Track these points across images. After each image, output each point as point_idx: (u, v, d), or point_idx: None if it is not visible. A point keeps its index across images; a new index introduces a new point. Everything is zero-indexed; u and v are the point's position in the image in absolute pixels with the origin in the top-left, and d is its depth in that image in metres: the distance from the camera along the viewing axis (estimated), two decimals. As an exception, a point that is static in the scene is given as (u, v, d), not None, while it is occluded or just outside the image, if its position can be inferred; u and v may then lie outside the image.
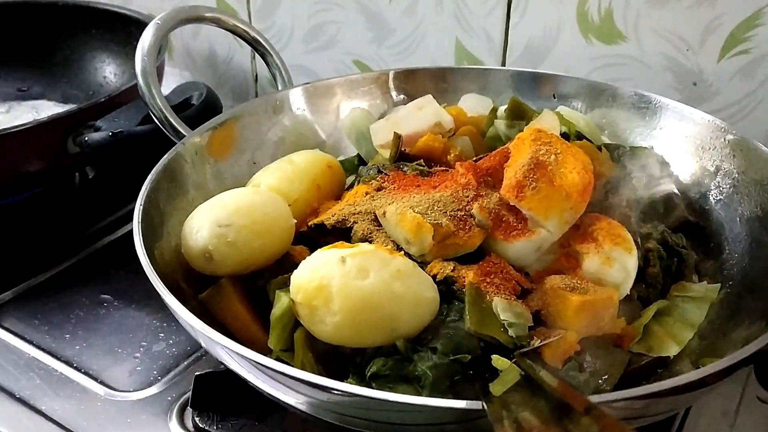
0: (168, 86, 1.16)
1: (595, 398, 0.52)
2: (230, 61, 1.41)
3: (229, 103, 1.43)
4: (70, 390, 0.82)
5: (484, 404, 0.51)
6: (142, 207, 0.72)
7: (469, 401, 0.52)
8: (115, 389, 0.82)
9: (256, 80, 1.39)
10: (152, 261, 0.65)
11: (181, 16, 0.90)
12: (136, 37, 0.93)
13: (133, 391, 0.82)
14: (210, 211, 0.71)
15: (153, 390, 0.82)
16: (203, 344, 0.64)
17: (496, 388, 0.57)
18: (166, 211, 0.76)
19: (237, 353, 0.56)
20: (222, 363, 0.64)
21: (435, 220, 0.70)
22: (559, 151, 0.73)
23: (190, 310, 0.69)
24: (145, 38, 0.89)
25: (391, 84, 0.99)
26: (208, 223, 0.70)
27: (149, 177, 0.76)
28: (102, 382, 0.83)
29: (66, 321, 0.92)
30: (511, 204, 0.71)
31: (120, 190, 1.15)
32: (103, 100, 1.00)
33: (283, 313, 0.67)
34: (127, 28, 1.30)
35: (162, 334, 0.89)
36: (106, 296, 0.96)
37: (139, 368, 0.85)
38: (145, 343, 0.88)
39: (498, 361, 0.61)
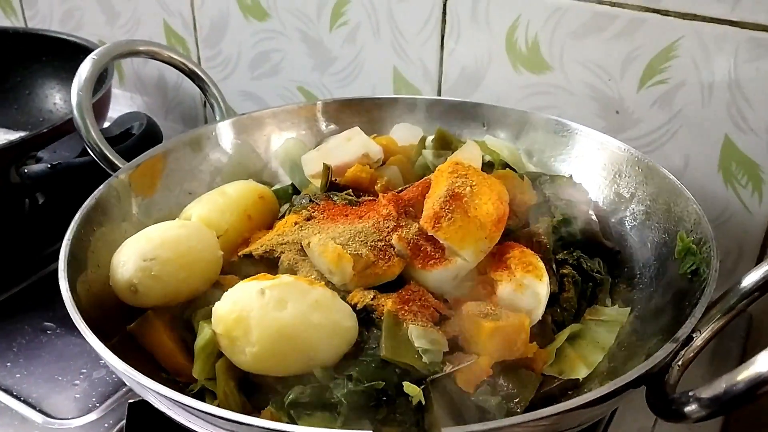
0: (120, 110, 1.18)
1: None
2: (179, 87, 1.43)
3: (179, 127, 1.46)
4: (8, 418, 0.83)
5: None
6: (69, 242, 0.74)
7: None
8: (53, 417, 0.84)
9: (205, 106, 1.42)
10: (75, 296, 0.67)
11: (117, 50, 0.93)
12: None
13: (71, 419, 0.83)
14: (136, 245, 0.73)
15: (91, 417, 0.84)
16: (122, 378, 0.66)
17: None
18: (96, 244, 0.78)
19: (147, 387, 0.58)
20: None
21: (356, 251, 0.73)
22: (474, 183, 0.76)
23: (119, 341, 0.72)
24: (81, 73, 0.91)
25: (321, 115, 1.02)
26: (133, 257, 0.72)
27: (79, 212, 0.78)
28: (41, 410, 0.84)
29: (8, 349, 0.93)
30: (429, 234, 0.74)
31: (69, 216, 1.16)
32: (45, 130, 1.02)
33: (206, 344, 0.69)
34: (77, 55, 1.30)
35: (102, 362, 0.90)
36: (49, 324, 0.97)
37: (78, 395, 0.86)
38: (85, 370, 0.90)
39: (409, 387, 0.64)
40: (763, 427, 1.01)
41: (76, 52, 1.32)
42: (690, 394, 0.55)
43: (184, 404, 0.56)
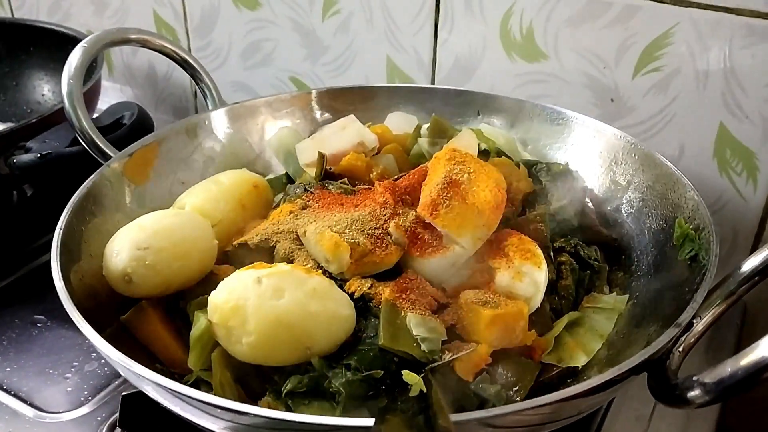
0: (109, 102, 1.17)
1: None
2: (170, 78, 1.42)
3: (170, 119, 1.44)
4: (-1, 412, 0.82)
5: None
6: (61, 231, 0.72)
7: (366, 420, 0.53)
8: (44, 411, 0.83)
9: (196, 96, 1.41)
10: (68, 286, 0.66)
11: (108, 38, 0.91)
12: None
13: (62, 413, 0.82)
14: (129, 234, 0.72)
15: (83, 410, 0.83)
16: (117, 369, 0.65)
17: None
18: (89, 233, 0.77)
19: (142, 376, 0.57)
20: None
21: (353, 239, 0.72)
22: (472, 170, 0.76)
23: (113, 332, 0.71)
24: (71, 61, 0.89)
25: (316, 104, 1.01)
26: (127, 246, 0.71)
27: (71, 201, 0.76)
28: (32, 404, 0.83)
29: (-2, 343, 0.92)
30: (426, 222, 0.74)
31: (58, 208, 1.15)
32: (34, 121, 1.01)
33: (202, 334, 0.68)
34: (65, 46, 1.29)
35: (94, 354, 0.90)
36: (39, 317, 0.96)
37: (69, 389, 0.85)
38: (76, 363, 0.89)
39: (408, 376, 0.63)
40: (759, 416, 1.01)
41: (64, 42, 1.30)
42: (694, 378, 0.55)
43: (182, 393, 0.56)
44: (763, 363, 0.50)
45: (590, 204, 0.86)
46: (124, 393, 0.77)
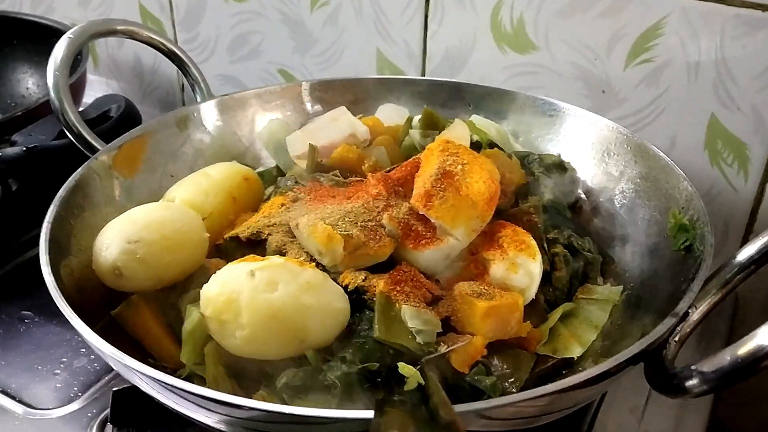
0: (94, 95, 1.15)
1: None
2: (156, 71, 1.40)
3: (156, 112, 1.43)
4: (-13, 410, 0.81)
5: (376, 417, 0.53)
6: (50, 225, 0.71)
7: (366, 412, 0.53)
8: (34, 407, 0.81)
9: (183, 90, 1.39)
10: (58, 280, 0.65)
11: (94, 29, 0.90)
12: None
13: (52, 409, 0.81)
14: (119, 227, 0.71)
15: (73, 407, 0.82)
16: (110, 363, 0.64)
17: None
18: (78, 227, 0.76)
19: (135, 370, 0.57)
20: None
21: (346, 231, 0.71)
22: (466, 162, 0.75)
23: (103, 327, 0.70)
24: (57, 53, 0.88)
25: (306, 95, 1.00)
26: (117, 240, 0.70)
27: (58, 194, 0.75)
28: (21, 401, 0.82)
29: (-15, 340, 0.91)
30: (420, 213, 0.73)
31: (44, 202, 1.13)
32: (19, 114, 0.99)
33: (195, 328, 0.67)
34: (50, 38, 1.27)
35: (83, 350, 0.88)
36: (27, 312, 0.94)
37: (59, 385, 0.84)
38: (65, 360, 0.88)
39: (404, 368, 0.63)
40: (751, 408, 1.02)
41: (48, 35, 1.28)
42: (692, 368, 0.55)
43: (177, 387, 0.55)
44: (761, 352, 0.50)
45: (583, 195, 0.86)
46: (115, 388, 0.76)
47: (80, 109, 1.12)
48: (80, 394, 0.83)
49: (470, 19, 1.04)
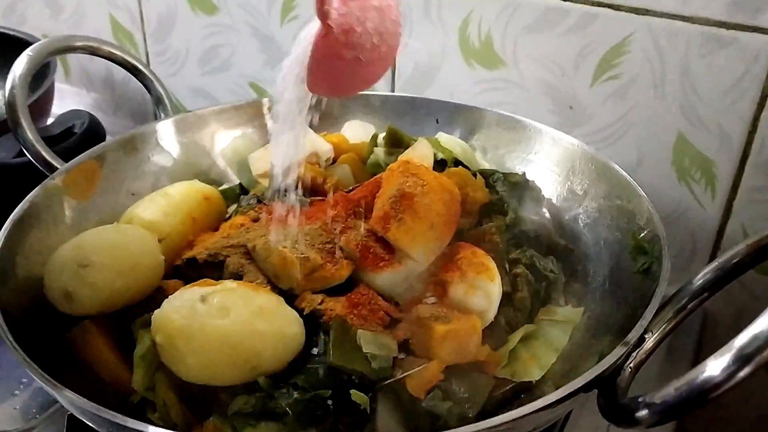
0: (66, 106, 1.14)
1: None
2: (128, 82, 1.39)
3: (129, 124, 1.41)
4: (-57, 432, 0.80)
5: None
6: (-1, 248, 0.70)
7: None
8: (-8, 428, 0.80)
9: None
10: (3, 307, 0.64)
11: (53, 47, 0.89)
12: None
13: (11, 430, 0.80)
14: (70, 251, 0.70)
15: (32, 427, 0.80)
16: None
17: None
18: (29, 250, 0.74)
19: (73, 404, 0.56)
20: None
21: (302, 254, 0.71)
22: (425, 183, 0.74)
23: (55, 351, 0.68)
24: (15, 70, 0.87)
25: (268, 112, 1.00)
26: (68, 264, 0.68)
27: (11, 216, 0.74)
28: (-21, 422, 0.81)
29: (-59, 362, 0.89)
30: (379, 235, 0.72)
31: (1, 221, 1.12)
32: (-19, 129, 0.98)
33: (146, 353, 0.66)
34: (19, 51, 1.27)
35: (43, 370, 0.87)
36: (-15, 332, 0.93)
37: (17, 406, 0.83)
38: (25, 380, 0.86)
39: (356, 395, 0.62)
40: (720, 423, 1.01)
41: (18, 47, 1.25)
42: (640, 399, 0.54)
43: (112, 421, 0.54)
44: (708, 384, 0.50)
45: (547, 214, 0.85)
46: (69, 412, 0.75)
47: (49, 120, 1.11)
48: (38, 415, 0.82)
49: (439, 34, 1.03)
